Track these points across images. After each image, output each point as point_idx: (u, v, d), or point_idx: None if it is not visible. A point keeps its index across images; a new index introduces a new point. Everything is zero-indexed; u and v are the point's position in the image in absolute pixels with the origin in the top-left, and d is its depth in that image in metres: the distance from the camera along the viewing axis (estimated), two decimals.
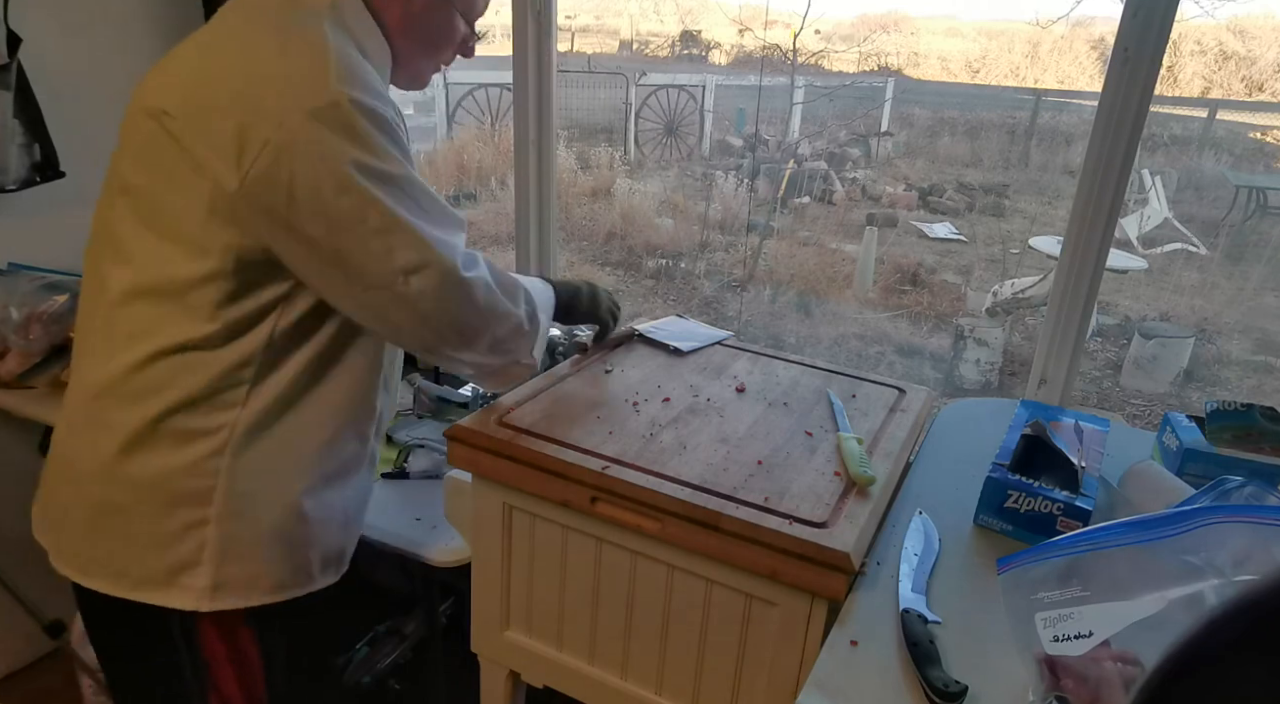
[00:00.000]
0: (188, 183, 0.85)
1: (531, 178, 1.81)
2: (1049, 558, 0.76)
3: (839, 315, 4.90)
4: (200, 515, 0.94)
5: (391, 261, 0.88)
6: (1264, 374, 4.28)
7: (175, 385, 0.91)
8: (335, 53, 0.86)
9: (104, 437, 0.93)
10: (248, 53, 0.87)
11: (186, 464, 0.93)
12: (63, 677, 1.79)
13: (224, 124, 0.83)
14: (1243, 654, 0.32)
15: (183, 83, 0.88)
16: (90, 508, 0.96)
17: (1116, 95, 1.26)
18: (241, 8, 0.92)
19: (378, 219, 0.87)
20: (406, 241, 0.88)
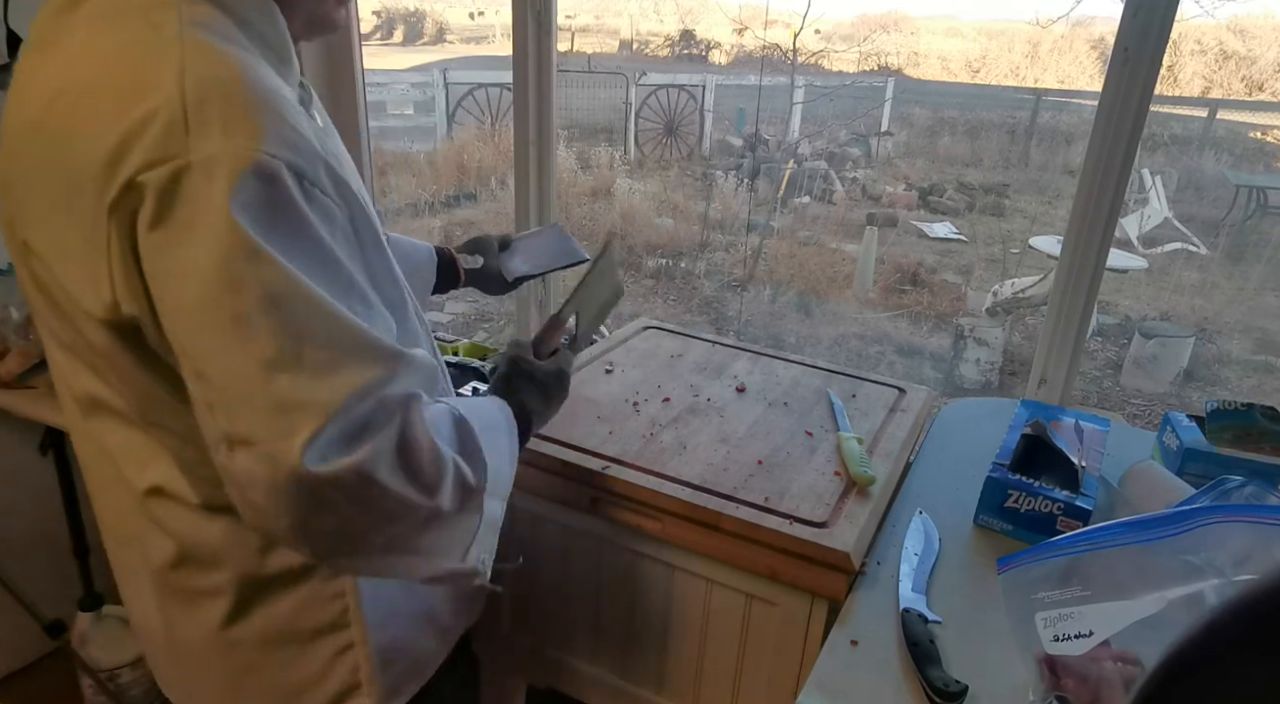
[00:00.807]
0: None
1: (531, 178, 1.81)
2: (1049, 558, 0.76)
3: (839, 315, 4.90)
4: (343, 641, 0.82)
5: (211, 419, 0.60)
6: (1264, 374, 4.28)
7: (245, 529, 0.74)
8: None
9: (200, 610, 0.79)
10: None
11: (305, 601, 0.79)
12: (63, 677, 1.78)
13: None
14: (1243, 654, 0.32)
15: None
16: (222, 675, 0.83)
17: (1116, 95, 1.26)
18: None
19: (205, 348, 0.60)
20: (241, 394, 0.59)
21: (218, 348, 0.59)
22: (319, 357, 0.60)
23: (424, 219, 6.05)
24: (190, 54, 0.59)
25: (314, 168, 0.62)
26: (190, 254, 0.57)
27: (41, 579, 1.74)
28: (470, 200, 6.55)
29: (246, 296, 0.57)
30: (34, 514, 1.76)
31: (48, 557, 1.78)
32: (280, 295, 0.58)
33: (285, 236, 0.59)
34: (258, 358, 0.58)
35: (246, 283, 0.57)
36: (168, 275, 0.59)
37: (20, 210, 0.66)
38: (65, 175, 0.61)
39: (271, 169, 0.58)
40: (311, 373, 0.59)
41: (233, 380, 0.59)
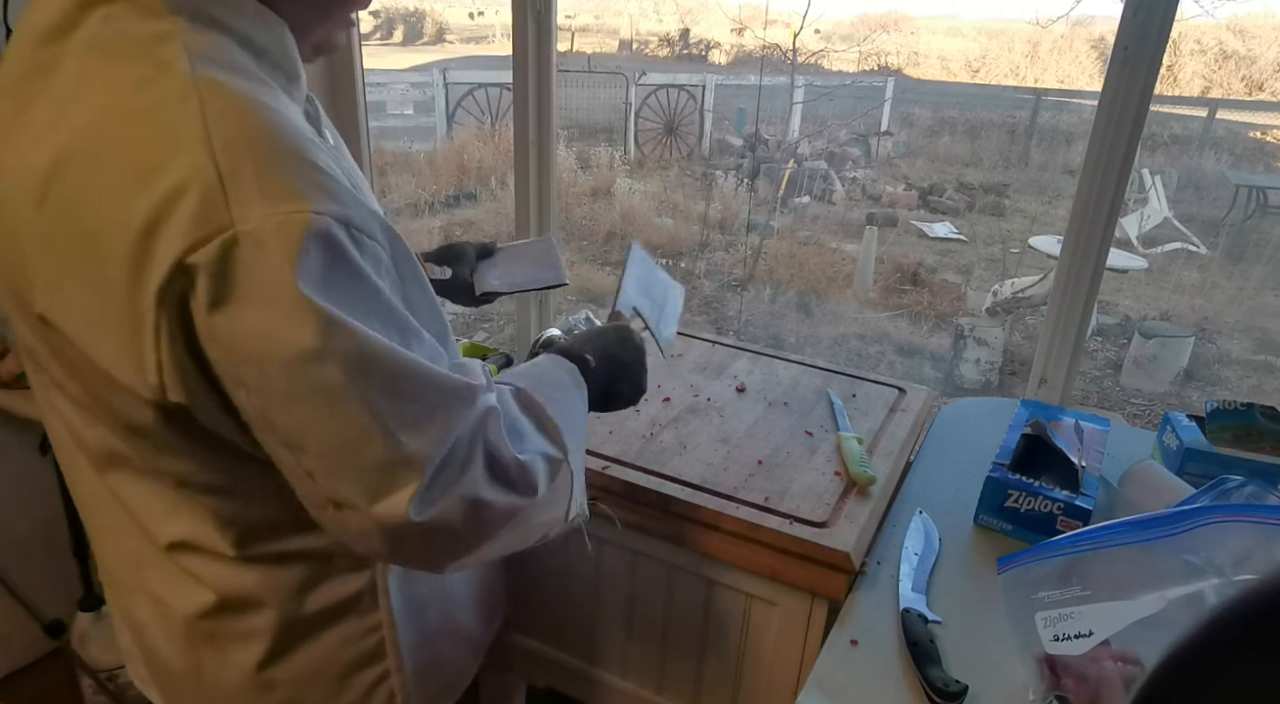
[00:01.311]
0: None
1: (531, 177, 1.81)
2: (1049, 558, 0.76)
3: (839, 315, 4.90)
4: (379, 671, 0.81)
5: (313, 484, 0.60)
6: (1264, 373, 4.28)
7: (289, 578, 0.75)
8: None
9: (236, 654, 0.76)
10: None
11: (343, 638, 0.78)
12: (63, 677, 1.78)
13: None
14: (1243, 654, 0.32)
15: None
16: None
17: (1116, 95, 1.26)
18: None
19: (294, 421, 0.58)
20: (337, 461, 0.59)
21: (308, 420, 0.57)
22: (407, 413, 0.59)
23: (424, 219, 6.05)
24: (210, 105, 0.54)
25: (358, 214, 0.58)
26: (261, 331, 0.54)
27: (41, 579, 1.74)
28: (470, 200, 6.55)
29: (330, 368, 0.55)
30: (34, 514, 1.76)
31: (48, 557, 1.78)
32: (361, 361, 0.57)
33: (349, 297, 0.56)
34: (352, 426, 0.57)
35: (328, 353, 0.55)
36: (240, 356, 0.56)
37: (30, 281, 0.59)
38: (86, 249, 0.55)
39: (322, 228, 0.55)
40: (405, 431, 0.59)
41: (329, 449, 0.58)
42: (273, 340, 0.54)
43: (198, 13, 0.58)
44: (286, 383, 0.56)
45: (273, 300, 0.53)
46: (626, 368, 0.89)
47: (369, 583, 0.78)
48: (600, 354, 0.87)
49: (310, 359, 0.55)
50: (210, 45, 0.57)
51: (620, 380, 0.88)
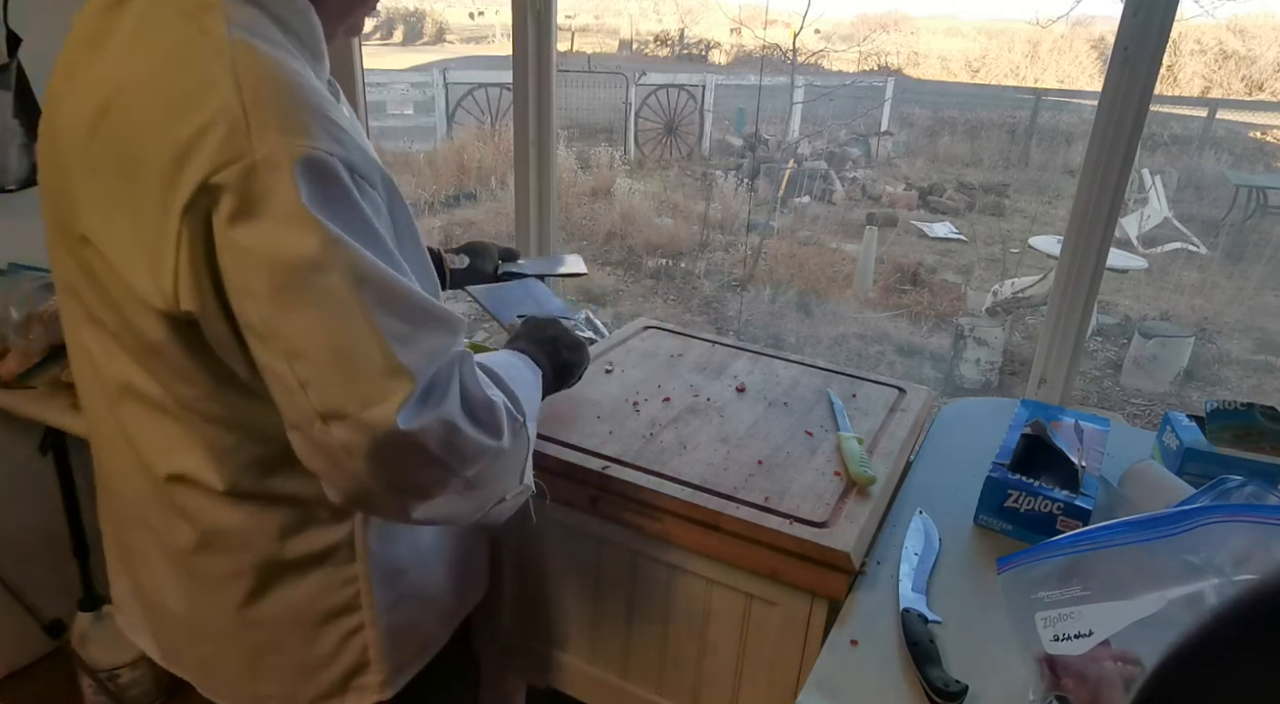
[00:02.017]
0: None
1: (531, 177, 1.81)
2: (1049, 558, 0.76)
3: (839, 315, 4.90)
4: (354, 623, 0.86)
5: (303, 398, 0.65)
6: (1264, 373, 4.28)
7: (272, 523, 0.80)
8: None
9: (221, 592, 0.83)
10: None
11: (320, 586, 0.83)
12: (63, 677, 1.78)
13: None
14: (1243, 654, 0.32)
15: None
16: (240, 654, 0.87)
17: (1116, 95, 1.26)
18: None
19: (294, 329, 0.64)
20: (335, 369, 0.64)
21: (309, 326, 0.64)
22: (400, 328, 0.66)
23: (424, 219, 6.05)
24: (241, 59, 0.63)
25: (361, 161, 0.67)
26: (273, 243, 0.62)
27: (41, 579, 1.74)
28: (470, 200, 6.55)
29: (333, 276, 0.63)
30: (34, 514, 1.76)
31: (48, 557, 1.78)
32: (360, 275, 0.64)
33: (349, 223, 0.64)
34: (351, 333, 0.64)
35: (331, 263, 0.62)
36: (253, 265, 0.63)
37: (76, 205, 0.70)
38: (127, 174, 0.65)
39: (328, 163, 0.63)
40: (398, 343, 0.65)
41: (327, 355, 0.64)
42: (281, 248, 0.62)
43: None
44: (292, 289, 0.63)
45: (283, 215, 0.62)
46: (554, 341, 1.01)
47: (347, 536, 0.82)
48: (548, 354, 0.99)
49: (314, 267, 0.62)
50: (246, 17, 0.67)
51: (559, 353, 1.01)
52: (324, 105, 0.66)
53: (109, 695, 1.67)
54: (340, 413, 0.64)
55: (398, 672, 0.90)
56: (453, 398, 0.69)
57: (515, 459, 0.80)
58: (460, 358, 0.71)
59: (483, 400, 0.72)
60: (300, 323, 0.63)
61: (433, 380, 0.67)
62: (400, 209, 0.74)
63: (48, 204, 0.75)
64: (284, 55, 0.67)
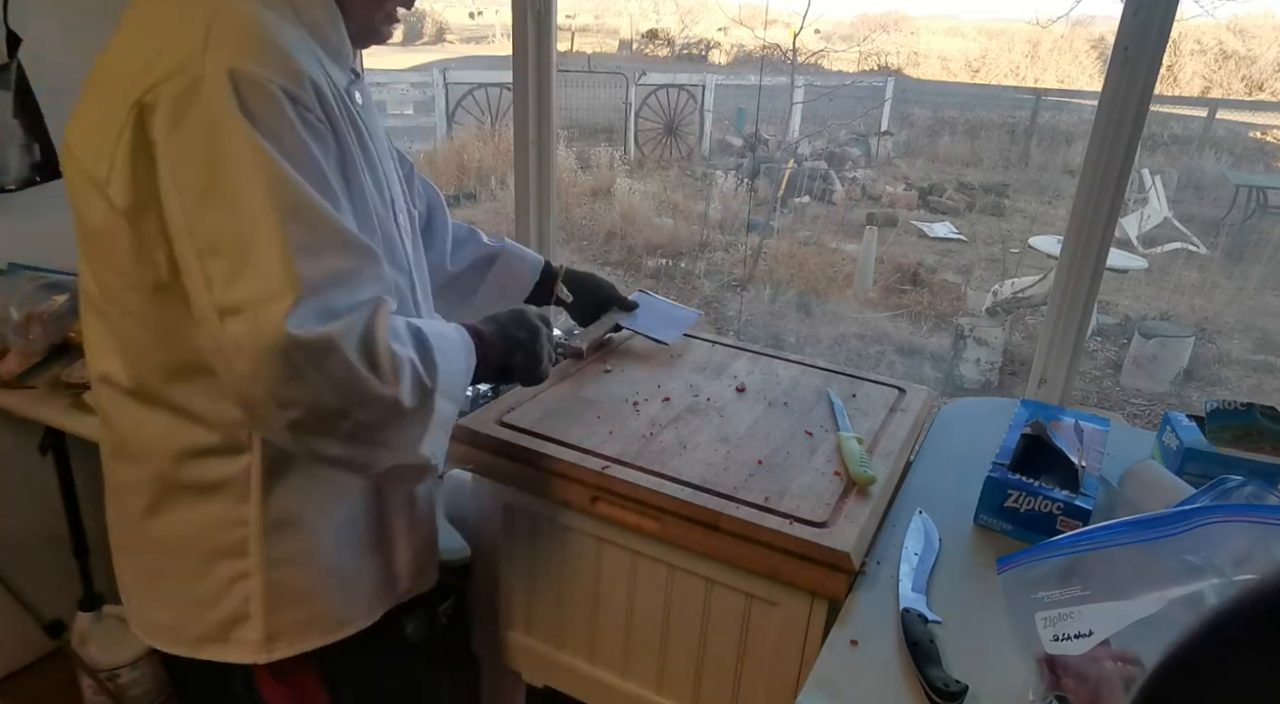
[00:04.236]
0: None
1: (531, 177, 1.81)
2: (1049, 557, 0.76)
3: (839, 315, 4.90)
4: (239, 568, 0.87)
5: (207, 293, 0.70)
6: (1264, 373, 4.28)
7: (173, 439, 0.84)
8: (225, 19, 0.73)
9: (124, 502, 0.90)
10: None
11: (210, 519, 0.86)
12: (63, 676, 1.78)
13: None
14: (1243, 654, 0.32)
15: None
16: (138, 573, 0.93)
17: (1116, 95, 1.26)
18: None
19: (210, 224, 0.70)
20: (236, 266, 0.69)
21: (221, 222, 0.70)
22: (305, 238, 0.71)
23: None
24: (229, 6, 0.73)
25: (307, 95, 0.74)
26: (198, 144, 0.70)
27: (41, 579, 1.74)
28: (470, 200, 6.55)
29: (253, 179, 0.69)
30: (34, 514, 1.76)
31: (48, 557, 1.78)
32: (277, 182, 0.70)
33: (279, 139, 0.71)
34: (258, 232, 0.69)
35: (247, 167, 0.69)
36: (180, 161, 0.70)
37: (73, 134, 0.79)
38: (106, 85, 0.75)
39: (267, 86, 0.71)
40: (298, 251, 0.70)
41: (233, 252, 0.70)
42: (203, 148, 0.70)
43: None
44: (212, 189, 0.70)
45: (212, 120, 0.69)
46: (519, 343, 1.01)
47: (243, 472, 0.85)
48: (495, 330, 0.99)
49: (230, 167, 0.69)
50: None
51: (512, 352, 1.00)
52: (289, 46, 0.74)
53: (109, 695, 1.67)
54: (235, 307, 0.69)
55: (278, 635, 0.90)
56: (351, 329, 0.72)
57: (414, 425, 0.80)
58: (373, 302, 0.75)
59: (384, 347, 0.74)
60: (214, 220, 0.70)
61: (331, 301, 0.71)
62: (352, 162, 0.81)
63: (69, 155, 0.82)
64: (273, 15, 0.76)
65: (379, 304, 0.75)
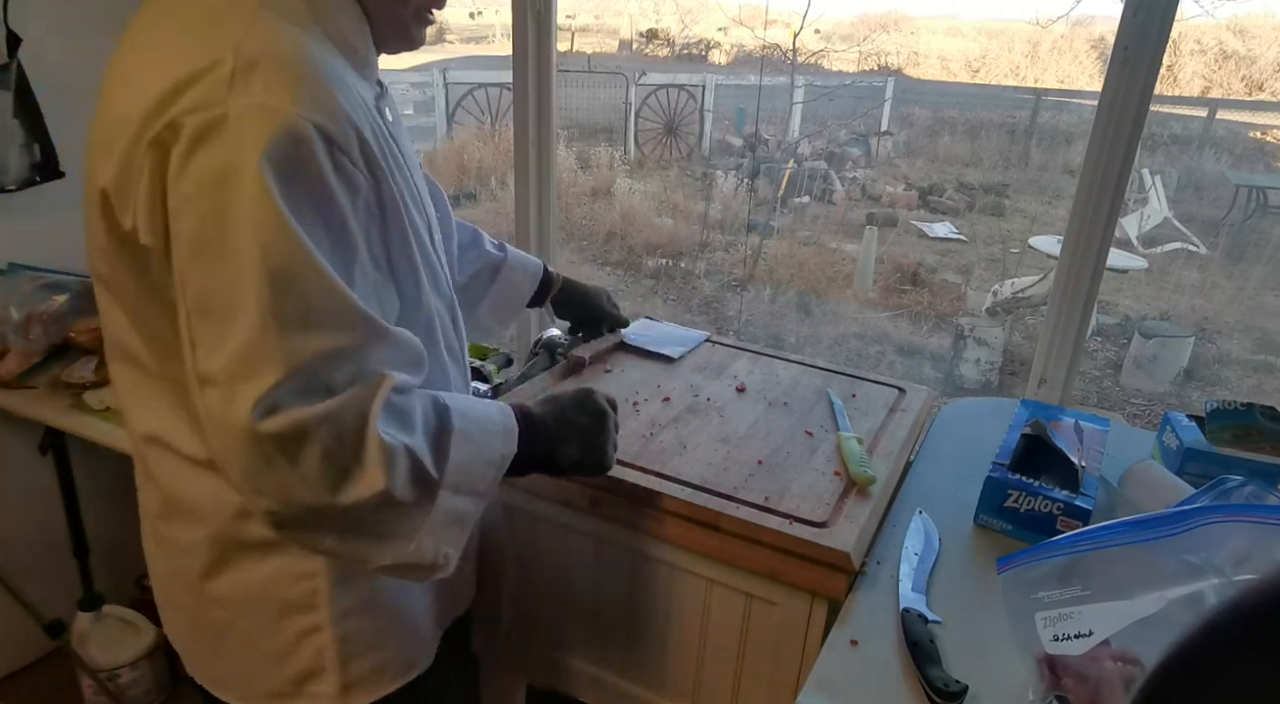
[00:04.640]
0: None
1: (531, 177, 1.81)
2: (1049, 558, 0.76)
3: (839, 315, 4.90)
4: (309, 622, 0.83)
5: (190, 356, 0.65)
6: (1264, 373, 4.28)
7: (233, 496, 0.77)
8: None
9: (181, 562, 0.82)
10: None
11: (276, 574, 0.81)
12: (63, 677, 1.78)
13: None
14: (1243, 654, 0.32)
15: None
16: (204, 629, 0.87)
17: (1116, 95, 1.26)
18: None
19: (199, 280, 0.64)
20: (218, 333, 0.63)
21: (209, 279, 0.63)
22: (296, 308, 0.63)
23: None
24: (255, 26, 0.65)
25: (345, 136, 0.66)
26: (205, 189, 0.62)
27: (41, 579, 1.74)
28: (470, 200, 6.55)
29: (247, 235, 0.61)
30: (34, 514, 1.77)
31: (48, 557, 1.78)
32: (274, 239, 0.62)
33: (300, 194, 0.63)
34: (241, 301, 0.62)
35: (247, 220, 0.61)
36: (183, 205, 0.63)
37: (95, 153, 0.71)
38: (125, 120, 0.66)
39: (300, 129, 0.63)
40: (286, 324, 0.62)
41: (215, 315, 0.63)
42: (210, 197, 0.62)
43: None
44: (208, 239, 0.62)
45: (230, 166, 0.61)
46: (580, 431, 0.88)
47: None
48: (551, 412, 0.87)
49: (230, 222, 0.62)
50: (287, 3, 0.69)
51: (569, 441, 0.87)
52: (323, 76, 0.66)
53: (109, 695, 1.67)
54: (210, 378, 0.63)
55: (353, 686, 0.87)
56: (334, 414, 0.64)
57: (410, 519, 0.71)
58: (375, 383, 0.67)
59: (372, 433, 0.65)
60: (204, 273, 0.63)
61: (318, 377, 0.64)
62: (391, 198, 0.73)
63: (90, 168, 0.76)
64: (303, 36, 0.68)
65: (379, 383, 0.67)
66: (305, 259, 0.63)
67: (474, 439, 0.76)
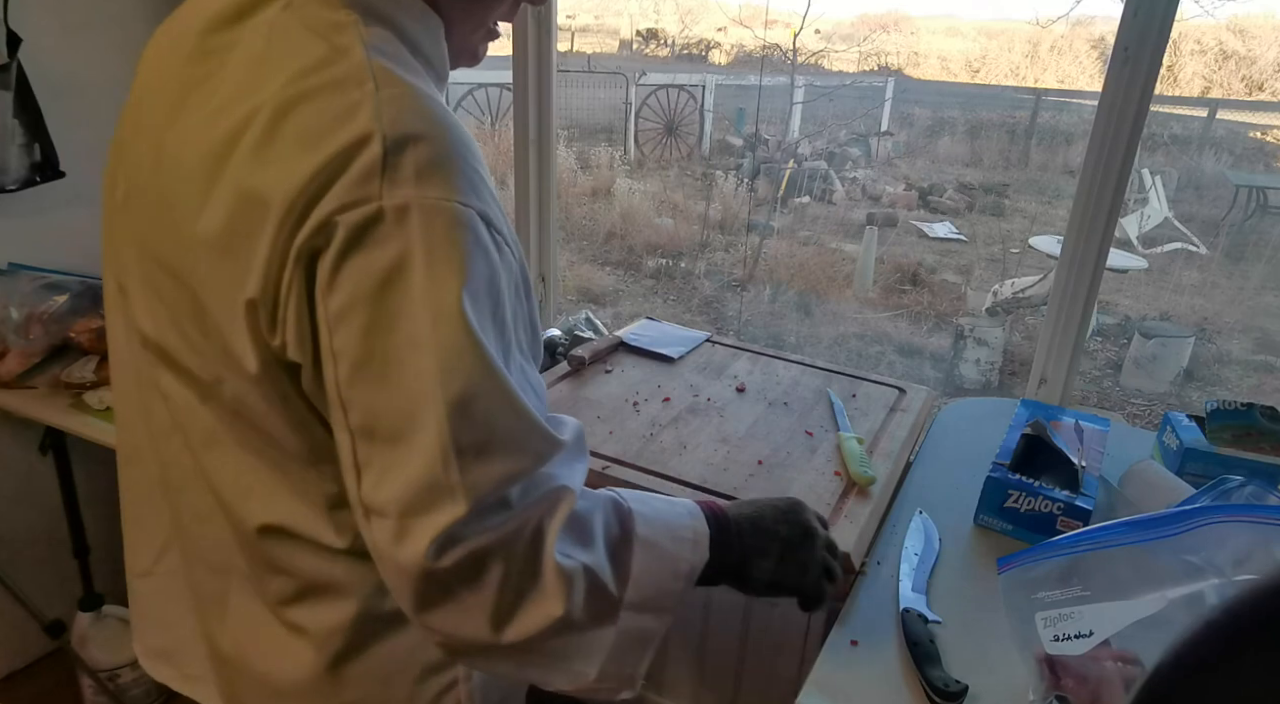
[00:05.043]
0: None
1: (531, 178, 1.81)
2: (1049, 558, 0.76)
3: (839, 315, 4.90)
4: (447, 679, 0.78)
5: (354, 480, 0.58)
6: (1264, 373, 4.28)
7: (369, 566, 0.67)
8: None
9: (311, 648, 0.72)
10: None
11: (417, 641, 0.74)
12: (63, 677, 1.78)
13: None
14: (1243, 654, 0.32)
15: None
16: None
17: (1116, 95, 1.26)
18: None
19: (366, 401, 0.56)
20: (389, 460, 0.56)
21: (377, 402, 0.55)
22: (477, 436, 0.56)
23: None
24: (383, 90, 0.56)
25: (498, 216, 0.60)
26: (368, 300, 0.54)
27: (41, 579, 1.74)
28: None
29: (416, 354, 0.54)
30: (34, 514, 1.76)
31: (48, 557, 1.78)
32: (453, 354, 0.55)
33: (472, 293, 0.55)
34: (416, 423, 0.55)
35: (419, 338, 0.54)
36: (343, 318, 0.55)
37: (183, 244, 0.60)
38: (248, 208, 0.56)
39: (464, 219, 0.55)
40: (464, 453, 0.55)
41: (386, 446, 0.56)
42: (378, 301, 0.54)
43: (369, 8, 0.61)
44: (374, 350, 0.55)
45: (395, 269, 0.54)
46: (781, 543, 0.78)
47: None
48: (750, 517, 0.79)
49: (404, 334, 0.54)
50: (379, 38, 0.60)
51: (767, 554, 0.77)
52: (467, 152, 0.59)
53: (109, 695, 1.67)
54: (379, 510, 0.56)
55: None
56: (513, 539, 0.58)
57: (589, 641, 0.65)
58: (554, 500, 0.61)
59: (548, 556, 0.60)
60: (370, 396, 0.55)
61: (489, 508, 0.57)
62: (525, 266, 0.65)
63: (135, 227, 0.66)
64: (421, 83, 0.60)
65: (558, 498, 0.61)
66: (487, 374, 0.56)
67: (659, 548, 0.69)
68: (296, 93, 0.56)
